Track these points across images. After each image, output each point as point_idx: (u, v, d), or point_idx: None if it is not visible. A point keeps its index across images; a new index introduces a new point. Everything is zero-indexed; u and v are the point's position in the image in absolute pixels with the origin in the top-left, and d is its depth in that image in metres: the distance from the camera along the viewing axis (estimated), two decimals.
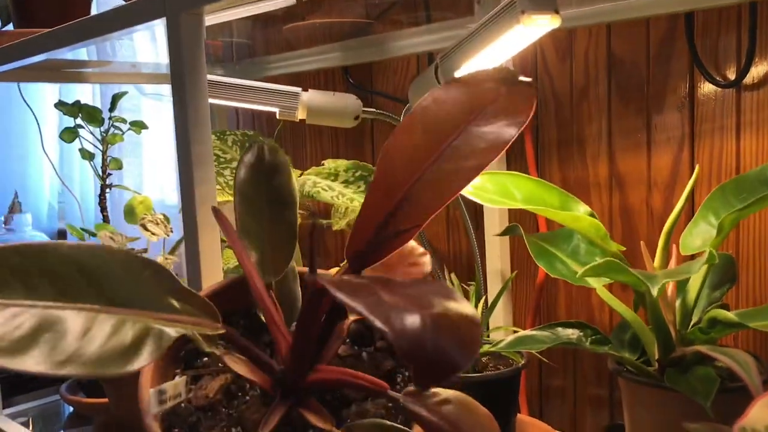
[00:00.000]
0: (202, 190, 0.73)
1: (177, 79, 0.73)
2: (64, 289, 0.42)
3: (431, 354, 0.32)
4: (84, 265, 0.44)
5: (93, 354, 0.40)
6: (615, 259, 0.68)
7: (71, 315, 0.41)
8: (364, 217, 0.51)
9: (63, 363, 0.39)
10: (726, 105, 0.93)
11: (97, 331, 0.41)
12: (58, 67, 1.27)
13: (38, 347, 0.39)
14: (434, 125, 0.50)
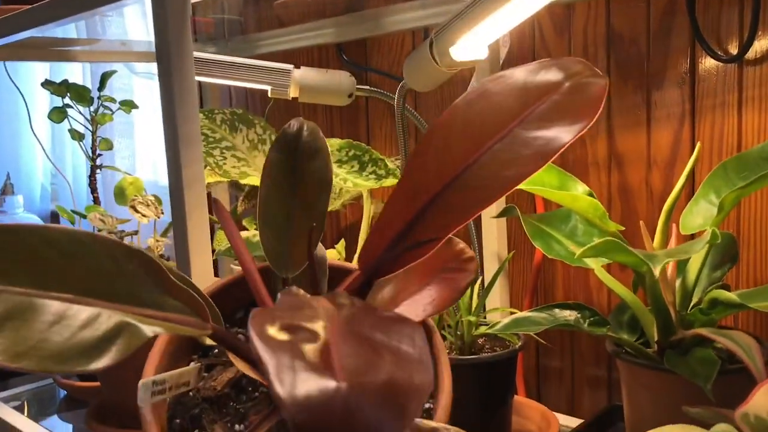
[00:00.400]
0: (189, 171, 0.71)
1: (163, 55, 0.70)
2: (42, 275, 0.40)
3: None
4: (66, 252, 0.41)
5: (55, 348, 0.37)
6: (614, 239, 0.66)
7: (44, 304, 0.39)
8: (383, 223, 0.46)
9: (20, 355, 0.36)
10: (728, 80, 0.91)
11: (67, 322, 0.39)
12: (45, 45, 1.24)
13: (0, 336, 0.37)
14: (476, 124, 0.44)
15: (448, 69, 0.87)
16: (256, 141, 0.91)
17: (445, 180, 0.44)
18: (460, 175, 0.43)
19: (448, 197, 0.43)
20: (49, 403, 1.29)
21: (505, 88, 0.44)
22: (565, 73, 0.43)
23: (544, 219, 0.88)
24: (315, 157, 0.55)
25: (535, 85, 0.44)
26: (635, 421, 0.77)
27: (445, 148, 0.44)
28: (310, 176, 0.55)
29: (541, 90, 0.43)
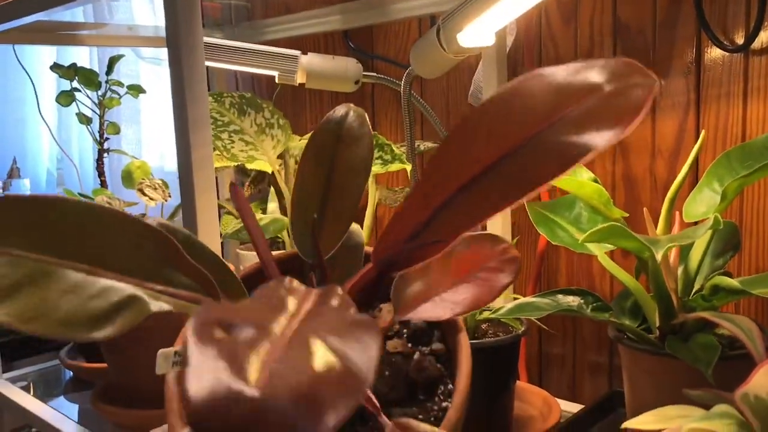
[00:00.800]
0: (198, 153, 0.72)
1: (172, 38, 0.71)
2: (61, 245, 0.41)
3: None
4: (87, 225, 0.43)
5: (65, 315, 0.39)
6: (618, 224, 0.67)
7: (61, 272, 0.40)
8: (399, 220, 0.45)
9: (31, 319, 0.38)
10: (733, 70, 0.91)
11: (80, 291, 0.40)
12: (53, 29, 1.24)
13: (14, 299, 0.38)
14: (503, 124, 0.42)
15: (455, 55, 0.88)
16: (264, 125, 0.92)
17: (461, 182, 0.42)
18: (476, 178, 0.42)
19: (462, 200, 0.42)
20: (55, 384, 1.31)
21: (539, 88, 0.42)
22: (608, 76, 0.40)
23: (549, 206, 0.88)
24: (357, 143, 0.55)
25: (572, 86, 0.41)
26: (636, 407, 0.78)
27: (467, 148, 0.43)
28: (349, 162, 0.54)
29: (578, 92, 0.41)
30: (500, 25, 0.86)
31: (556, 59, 1.07)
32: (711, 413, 0.48)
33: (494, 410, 0.88)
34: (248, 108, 0.91)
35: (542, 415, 0.95)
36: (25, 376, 1.31)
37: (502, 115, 0.42)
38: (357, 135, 0.55)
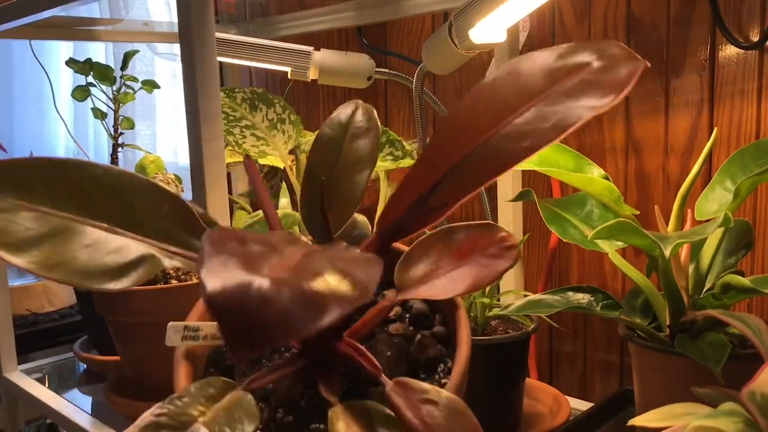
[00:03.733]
0: (210, 147, 0.72)
1: (185, 33, 0.72)
2: (84, 204, 0.44)
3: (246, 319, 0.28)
4: (108, 186, 0.46)
5: (84, 265, 0.42)
6: (628, 221, 0.66)
7: (83, 229, 0.43)
8: (403, 190, 0.47)
9: (52, 267, 0.41)
10: (748, 68, 0.90)
11: (99, 246, 0.43)
12: (69, 24, 1.25)
13: (38, 249, 0.41)
14: (501, 99, 0.45)
15: (466, 52, 0.88)
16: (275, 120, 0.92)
17: (465, 151, 0.45)
18: (479, 146, 0.45)
19: (464, 167, 0.45)
20: (69, 376, 1.32)
21: (534, 67, 0.45)
22: (598, 55, 0.44)
23: (560, 203, 0.88)
24: (364, 136, 0.57)
25: (565, 64, 0.44)
26: (646, 405, 0.78)
27: (469, 121, 0.46)
28: (355, 153, 0.57)
29: (570, 69, 0.44)
30: (512, 21, 0.85)
31: None
32: (717, 411, 0.48)
33: (504, 407, 0.88)
34: (260, 103, 0.91)
35: (552, 412, 0.95)
36: (39, 368, 1.33)
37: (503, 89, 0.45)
38: (364, 129, 0.57)
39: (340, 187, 0.55)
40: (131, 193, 0.46)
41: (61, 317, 1.52)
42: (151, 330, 0.97)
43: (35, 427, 1.35)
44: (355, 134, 0.57)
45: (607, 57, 0.43)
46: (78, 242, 0.43)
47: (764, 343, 0.55)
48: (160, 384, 0.97)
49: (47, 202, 0.43)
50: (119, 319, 0.97)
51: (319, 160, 0.56)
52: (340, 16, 1.26)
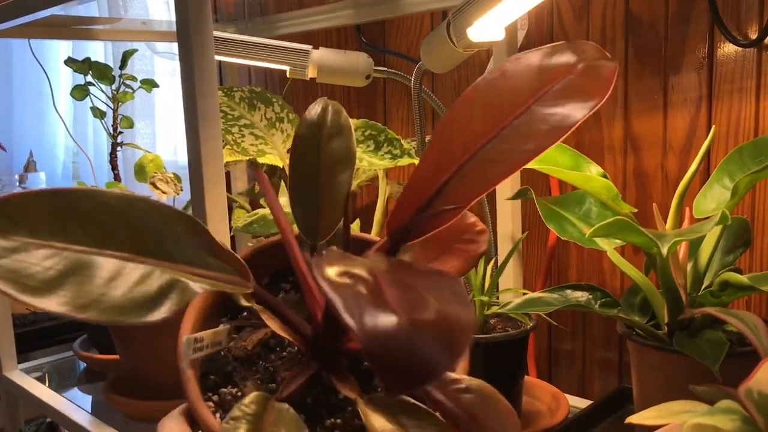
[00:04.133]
0: (208, 146, 0.73)
1: (183, 32, 0.72)
2: (98, 235, 0.43)
3: (402, 360, 0.29)
4: (120, 214, 0.44)
5: (116, 301, 0.41)
6: (625, 218, 0.66)
7: (101, 261, 0.42)
8: (411, 192, 0.48)
9: (85, 307, 0.40)
10: (746, 65, 0.90)
11: (123, 279, 0.42)
12: (68, 23, 1.25)
13: (64, 289, 0.40)
14: (497, 101, 0.47)
15: (464, 50, 0.88)
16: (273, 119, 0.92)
17: (469, 153, 0.46)
18: (482, 148, 0.46)
19: (471, 168, 0.46)
20: (68, 375, 1.32)
21: (522, 69, 0.47)
22: (578, 56, 0.47)
23: (559, 201, 0.88)
24: (338, 135, 0.58)
25: (551, 66, 0.47)
26: (644, 403, 0.78)
27: (468, 123, 0.47)
28: (334, 153, 0.57)
29: (556, 70, 0.46)
30: (510, 20, 0.85)
31: None
32: (715, 409, 0.48)
33: None
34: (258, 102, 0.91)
35: (550, 410, 0.95)
36: (39, 367, 1.33)
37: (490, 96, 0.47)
38: (338, 128, 0.57)
39: (326, 188, 0.56)
40: (145, 218, 0.45)
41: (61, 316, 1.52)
42: (150, 329, 0.98)
43: (35, 426, 1.36)
44: (331, 134, 0.57)
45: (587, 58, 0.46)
46: (101, 277, 0.41)
47: (761, 341, 0.55)
48: (159, 383, 0.98)
49: (59, 237, 0.42)
50: None
51: (301, 161, 0.56)
52: (339, 15, 1.26)
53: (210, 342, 0.51)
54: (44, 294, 0.39)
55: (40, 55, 1.60)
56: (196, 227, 0.46)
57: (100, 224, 0.43)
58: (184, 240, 0.45)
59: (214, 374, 0.51)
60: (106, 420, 1.04)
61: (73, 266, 0.41)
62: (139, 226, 0.44)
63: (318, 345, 0.50)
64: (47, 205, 0.42)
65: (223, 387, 0.50)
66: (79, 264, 0.41)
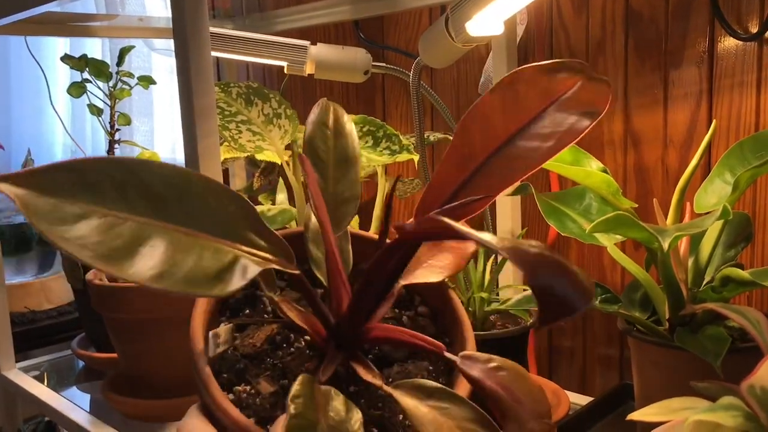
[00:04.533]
0: (205, 143, 0.72)
1: (179, 28, 0.71)
2: (157, 208, 0.43)
3: (557, 291, 0.34)
4: (178, 188, 0.45)
5: (185, 274, 0.41)
6: (625, 213, 0.66)
7: (163, 233, 0.42)
8: (438, 183, 0.51)
9: (158, 277, 0.40)
10: (747, 60, 0.90)
11: (191, 253, 0.42)
12: (64, 20, 1.25)
13: (136, 259, 0.40)
14: (513, 105, 0.51)
15: (463, 45, 0.87)
16: (271, 115, 0.91)
17: (490, 150, 0.50)
18: (503, 145, 0.49)
19: (493, 164, 0.49)
20: (68, 374, 1.32)
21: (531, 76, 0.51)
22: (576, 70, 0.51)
23: (559, 197, 0.87)
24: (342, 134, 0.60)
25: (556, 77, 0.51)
26: (645, 399, 0.77)
27: (488, 123, 0.50)
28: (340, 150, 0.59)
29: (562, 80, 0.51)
30: (509, 14, 0.85)
31: (568, 48, 1.06)
32: (716, 405, 0.47)
33: None
34: (255, 98, 0.91)
35: (551, 407, 0.94)
36: (38, 366, 1.32)
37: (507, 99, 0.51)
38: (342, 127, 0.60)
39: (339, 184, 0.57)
40: (200, 194, 0.45)
41: (60, 314, 1.51)
42: (148, 327, 0.97)
43: (33, 425, 1.35)
44: (336, 133, 0.59)
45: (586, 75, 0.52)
46: (169, 249, 0.42)
47: (764, 336, 0.55)
48: (158, 381, 0.97)
49: (121, 207, 0.42)
50: (116, 316, 0.97)
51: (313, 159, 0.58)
52: (337, 10, 1.26)
53: (223, 339, 0.51)
54: (119, 262, 0.40)
55: (38, 52, 1.60)
56: (247, 208, 0.47)
57: (160, 197, 0.44)
58: (237, 219, 0.46)
59: (226, 372, 0.51)
60: (105, 419, 1.03)
61: (137, 237, 0.41)
62: (195, 201, 0.45)
63: (340, 335, 0.51)
64: (107, 174, 0.42)
65: (237, 385, 0.51)
66: (143, 235, 0.42)
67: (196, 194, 0.45)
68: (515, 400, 0.46)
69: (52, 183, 0.40)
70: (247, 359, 0.52)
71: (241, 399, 0.49)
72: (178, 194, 0.44)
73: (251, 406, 0.49)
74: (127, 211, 0.42)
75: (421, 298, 0.59)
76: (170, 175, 0.45)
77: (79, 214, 0.40)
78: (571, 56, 1.06)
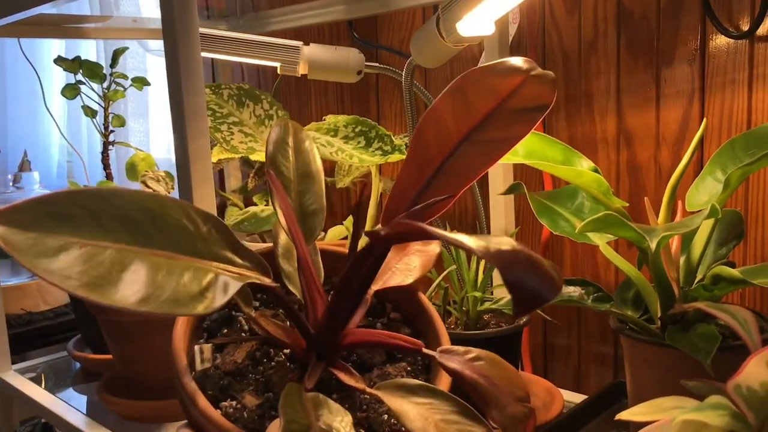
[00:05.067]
0: (196, 145, 0.72)
1: (168, 27, 0.71)
2: (134, 234, 0.44)
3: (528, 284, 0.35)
4: (152, 213, 0.46)
5: (169, 296, 0.42)
6: (614, 213, 0.66)
7: (143, 257, 0.43)
8: (401, 188, 0.52)
9: (143, 301, 0.41)
10: (738, 57, 0.90)
11: (167, 275, 0.43)
12: (58, 22, 1.25)
13: (120, 285, 0.41)
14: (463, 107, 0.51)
15: (454, 45, 0.87)
16: (263, 116, 0.91)
17: (446, 153, 0.50)
18: (457, 147, 0.50)
19: (450, 166, 0.50)
20: (65, 375, 1.32)
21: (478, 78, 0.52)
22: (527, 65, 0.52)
23: (551, 196, 0.87)
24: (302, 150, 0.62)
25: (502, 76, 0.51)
26: (638, 397, 0.77)
27: (441, 127, 0.51)
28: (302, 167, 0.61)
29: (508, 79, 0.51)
30: (500, 13, 0.85)
31: (560, 47, 1.06)
32: (704, 404, 0.47)
33: None
34: (246, 99, 0.91)
35: (545, 405, 0.94)
36: (34, 368, 1.32)
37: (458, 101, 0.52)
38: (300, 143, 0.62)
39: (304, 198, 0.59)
40: (175, 217, 0.47)
41: (56, 316, 1.51)
42: (143, 328, 0.97)
43: (30, 427, 1.35)
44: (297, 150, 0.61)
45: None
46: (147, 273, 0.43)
47: (751, 336, 0.55)
48: (153, 382, 0.97)
49: (99, 235, 0.43)
50: (110, 318, 0.97)
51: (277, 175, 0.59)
52: (331, 10, 1.26)
53: (206, 356, 0.52)
54: (103, 288, 0.41)
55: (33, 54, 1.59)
56: (221, 227, 0.48)
57: (136, 223, 0.45)
58: (212, 239, 0.48)
59: (210, 390, 0.52)
60: (101, 420, 1.03)
61: (118, 263, 0.42)
62: (170, 224, 0.46)
63: (320, 344, 0.52)
64: (85, 203, 0.44)
65: (222, 401, 0.51)
66: (124, 261, 0.43)
67: (171, 217, 0.46)
68: (494, 386, 0.48)
69: (31, 218, 0.41)
70: (230, 376, 0.53)
71: (228, 414, 0.50)
72: (152, 218, 0.45)
73: (239, 420, 0.49)
74: (105, 239, 0.43)
75: (393, 305, 0.61)
76: (144, 201, 0.46)
77: (59, 246, 0.41)
78: (563, 56, 1.06)
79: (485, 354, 0.50)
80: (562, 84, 1.06)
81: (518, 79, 0.51)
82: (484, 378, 0.48)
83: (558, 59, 1.07)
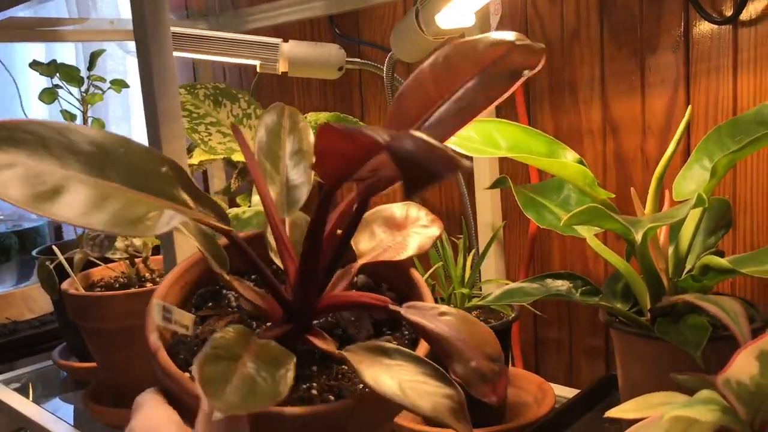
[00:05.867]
0: (170, 147, 0.70)
1: (139, 28, 0.69)
2: (85, 165, 0.44)
3: (420, 163, 0.34)
4: (107, 149, 0.45)
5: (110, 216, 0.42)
6: (598, 205, 0.65)
7: (92, 185, 0.43)
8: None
9: (84, 215, 0.41)
10: (722, 43, 0.88)
11: (116, 200, 0.43)
12: (33, 25, 1.23)
13: (60, 200, 0.41)
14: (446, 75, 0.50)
15: (434, 38, 0.86)
16: (241, 116, 0.90)
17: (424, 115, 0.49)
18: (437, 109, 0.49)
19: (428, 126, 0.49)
20: (52, 384, 1.30)
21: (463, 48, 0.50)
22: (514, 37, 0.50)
23: (537, 189, 0.86)
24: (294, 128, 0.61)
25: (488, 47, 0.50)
26: (629, 391, 0.76)
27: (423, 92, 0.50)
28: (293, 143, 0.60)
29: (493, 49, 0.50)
30: (479, 4, 0.83)
31: (543, 37, 1.05)
32: (694, 399, 0.46)
33: None
34: (223, 99, 0.89)
35: (536, 400, 0.93)
36: (20, 378, 1.31)
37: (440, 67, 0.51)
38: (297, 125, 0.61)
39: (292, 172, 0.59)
40: (131, 153, 0.46)
41: (42, 324, 1.49)
42: (127, 335, 0.96)
43: None
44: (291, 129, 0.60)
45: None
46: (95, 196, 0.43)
47: (740, 327, 0.53)
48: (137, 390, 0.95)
49: (47, 161, 0.43)
50: (92, 325, 0.95)
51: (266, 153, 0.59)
52: (311, 6, 1.24)
53: (177, 320, 0.51)
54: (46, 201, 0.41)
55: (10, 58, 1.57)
56: (179, 170, 0.48)
57: (89, 156, 0.44)
58: (169, 180, 0.47)
59: (183, 354, 0.51)
60: (88, 429, 1.02)
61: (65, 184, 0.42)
62: (127, 161, 0.46)
63: (295, 308, 0.51)
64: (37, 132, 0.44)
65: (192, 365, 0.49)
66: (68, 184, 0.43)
67: (128, 152, 0.46)
68: (460, 340, 0.46)
69: None
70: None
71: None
72: (106, 153, 0.45)
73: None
74: (54, 164, 0.43)
75: (388, 285, 0.60)
76: (100, 137, 0.45)
77: (6, 164, 0.42)
78: (547, 45, 1.04)
79: (456, 311, 0.49)
80: (545, 73, 1.05)
81: (505, 48, 0.50)
82: (449, 331, 0.46)
83: None
